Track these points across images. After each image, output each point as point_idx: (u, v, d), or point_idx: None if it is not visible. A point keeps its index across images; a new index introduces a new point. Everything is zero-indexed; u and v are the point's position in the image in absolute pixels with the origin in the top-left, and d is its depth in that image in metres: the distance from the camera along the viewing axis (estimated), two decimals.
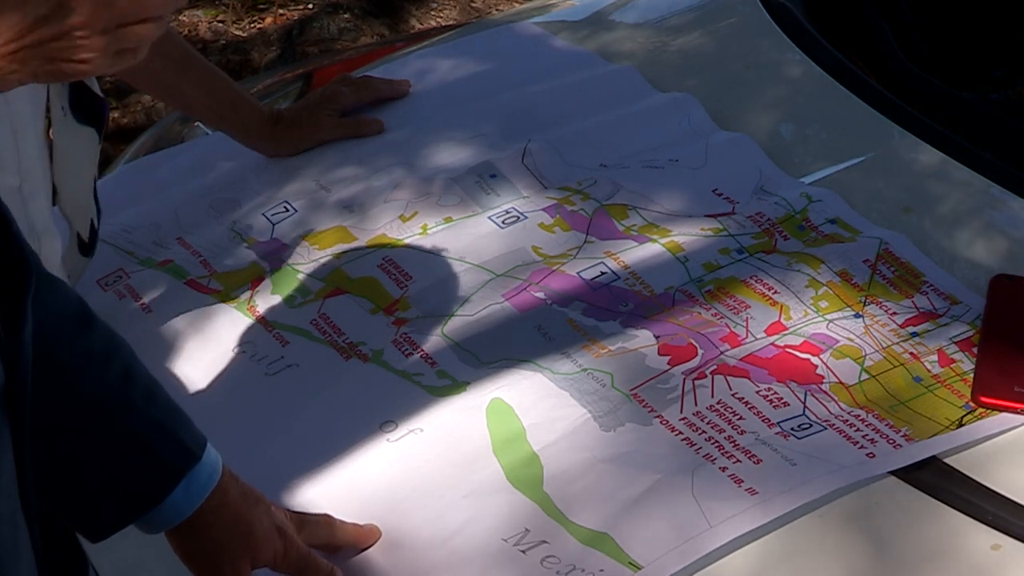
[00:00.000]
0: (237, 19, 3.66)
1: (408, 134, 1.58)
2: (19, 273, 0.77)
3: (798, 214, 1.38)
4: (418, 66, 1.72)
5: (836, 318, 1.25)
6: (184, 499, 0.96)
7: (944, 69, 1.71)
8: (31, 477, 0.80)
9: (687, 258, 1.33)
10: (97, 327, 0.96)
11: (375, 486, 1.14)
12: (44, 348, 0.83)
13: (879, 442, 1.11)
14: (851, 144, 1.50)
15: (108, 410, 0.94)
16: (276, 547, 1.02)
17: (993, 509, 1.05)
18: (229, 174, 1.55)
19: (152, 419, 0.96)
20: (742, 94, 1.60)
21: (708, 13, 1.81)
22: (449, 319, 1.29)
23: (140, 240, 1.45)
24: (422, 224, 1.42)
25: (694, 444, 1.12)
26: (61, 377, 0.91)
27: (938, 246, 1.34)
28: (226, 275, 1.39)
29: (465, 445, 1.15)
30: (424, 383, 1.22)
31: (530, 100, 1.61)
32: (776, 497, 1.07)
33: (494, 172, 1.48)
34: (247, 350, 1.30)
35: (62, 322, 0.93)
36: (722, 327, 1.25)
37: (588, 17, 1.82)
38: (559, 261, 1.34)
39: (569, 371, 1.21)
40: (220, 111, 1.53)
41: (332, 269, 1.37)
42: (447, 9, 3.77)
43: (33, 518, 0.81)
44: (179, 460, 0.96)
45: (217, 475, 0.98)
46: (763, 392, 1.17)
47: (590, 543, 1.05)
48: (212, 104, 1.53)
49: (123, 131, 3.17)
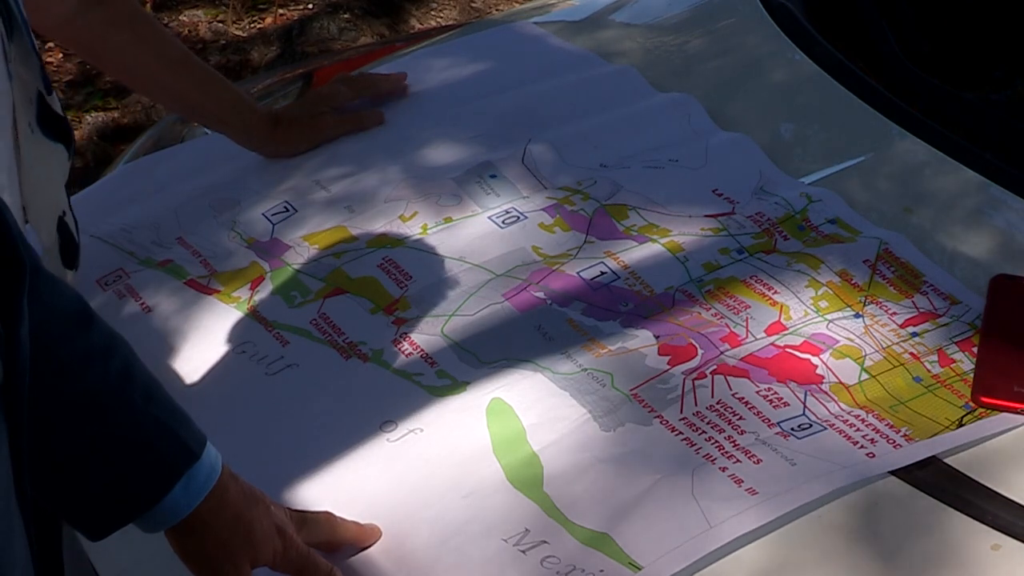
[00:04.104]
0: (237, 19, 3.66)
1: (408, 134, 1.58)
2: (14, 270, 0.77)
3: (798, 214, 1.38)
4: (418, 66, 1.71)
5: (836, 318, 1.25)
6: (183, 498, 0.96)
7: (944, 69, 1.71)
8: (28, 475, 0.80)
9: (687, 258, 1.33)
10: (97, 325, 0.96)
11: (375, 486, 1.14)
12: (43, 346, 0.83)
13: (879, 442, 1.11)
14: (851, 144, 1.50)
15: (107, 408, 0.94)
16: (276, 546, 1.02)
17: (993, 509, 1.05)
18: (229, 174, 1.55)
19: (152, 418, 0.96)
20: (742, 94, 1.60)
21: (708, 13, 1.81)
22: (449, 319, 1.29)
23: (140, 240, 1.45)
24: (422, 224, 1.42)
25: (694, 444, 1.12)
26: (60, 375, 0.91)
27: (938, 246, 1.34)
28: (226, 275, 1.39)
29: (465, 445, 1.15)
30: (424, 383, 1.22)
31: (530, 100, 1.61)
32: (776, 497, 1.06)
33: (494, 172, 1.48)
34: (247, 350, 1.30)
35: (62, 320, 0.93)
36: (722, 327, 1.25)
37: (588, 17, 1.82)
38: (559, 261, 1.34)
39: (569, 371, 1.21)
40: (220, 114, 1.53)
41: (332, 269, 1.37)
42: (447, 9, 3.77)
43: (29, 516, 0.81)
44: (178, 459, 0.96)
45: (216, 474, 0.98)
46: (763, 392, 1.17)
47: (590, 543, 1.05)
48: (211, 107, 1.53)
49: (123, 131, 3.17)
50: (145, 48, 1.47)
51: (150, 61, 1.48)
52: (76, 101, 3.32)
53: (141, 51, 1.47)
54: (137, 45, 1.46)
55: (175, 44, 1.51)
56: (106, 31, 1.44)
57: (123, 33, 1.45)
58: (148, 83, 1.55)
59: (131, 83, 1.71)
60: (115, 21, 1.43)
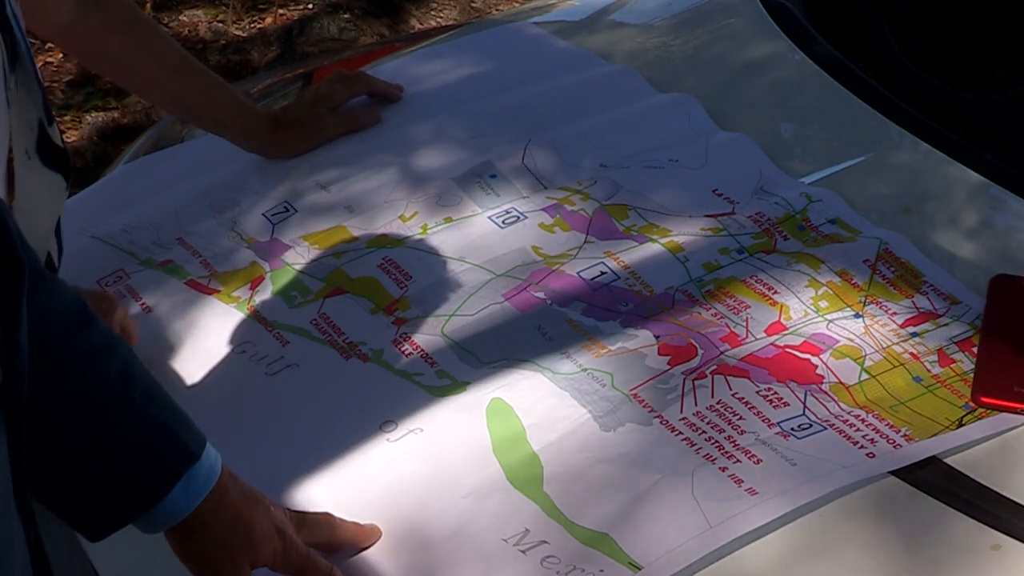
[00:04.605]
0: (237, 19, 3.66)
1: (408, 134, 1.58)
2: (14, 272, 0.77)
3: (798, 214, 1.38)
4: (418, 66, 1.72)
5: (836, 318, 1.25)
6: (183, 498, 0.96)
7: (944, 69, 1.71)
8: (27, 476, 0.80)
9: (687, 258, 1.33)
10: (96, 326, 0.96)
11: (375, 486, 1.14)
12: (43, 346, 0.83)
13: (879, 442, 1.11)
14: (851, 144, 1.50)
15: (107, 409, 0.94)
16: (275, 547, 1.02)
17: (993, 509, 1.05)
18: (229, 174, 1.55)
19: (151, 418, 0.96)
20: (742, 94, 1.60)
21: (708, 13, 1.81)
22: (449, 319, 1.29)
23: (140, 240, 1.45)
24: (422, 224, 1.42)
25: (694, 444, 1.12)
26: (60, 375, 0.91)
27: (938, 246, 1.34)
28: (226, 275, 1.39)
29: (465, 445, 1.15)
30: (424, 383, 1.22)
31: (530, 100, 1.61)
32: (776, 497, 1.06)
33: (494, 172, 1.48)
34: (247, 350, 1.30)
35: (61, 321, 0.93)
36: (722, 327, 1.25)
37: (588, 17, 1.82)
38: (559, 261, 1.34)
39: (569, 371, 1.21)
40: (218, 117, 1.53)
41: (332, 269, 1.37)
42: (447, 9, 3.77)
43: (28, 517, 0.81)
44: (178, 459, 0.96)
45: (216, 475, 0.98)
46: (763, 392, 1.17)
47: (590, 543, 1.05)
48: (210, 110, 1.53)
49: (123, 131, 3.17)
50: (143, 52, 1.47)
51: (148, 65, 1.48)
52: (76, 101, 3.31)
53: (139, 55, 1.46)
54: (135, 49, 1.46)
55: (174, 47, 1.51)
56: (104, 36, 1.44)
57: (121, 38, 1.44)
58: (147, 87, 1.55)
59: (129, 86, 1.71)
60: (113, 26, 1.43)
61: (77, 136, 3.16)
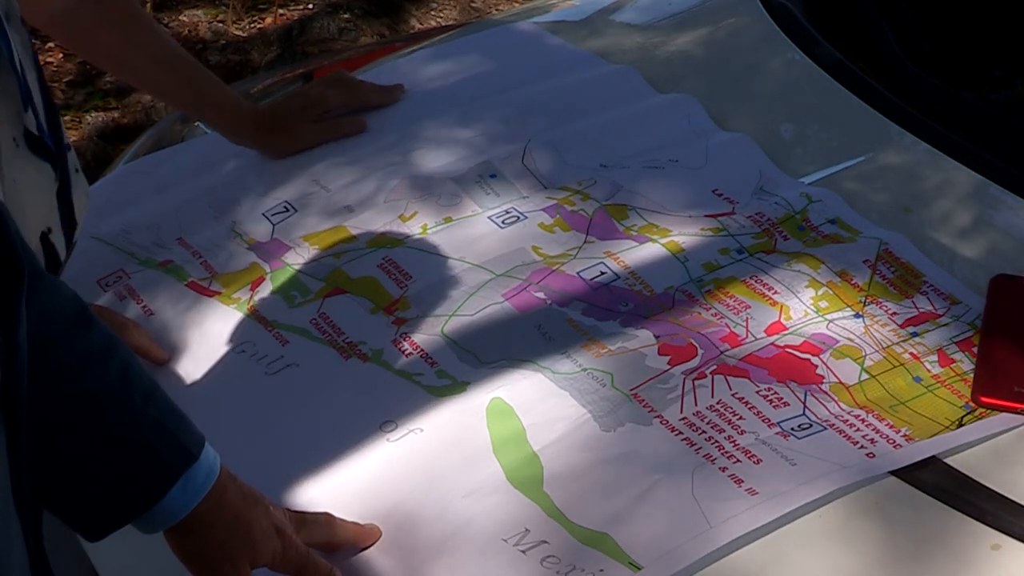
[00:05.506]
0: (237, 19, 3.66)
1: (408, 134, 1.58)
2: (13, 273, 0.77)
3: (798, 214, 1.38)
4: (418, 66, 1.71)
5: (836, 318, 1.25)
6: (181, 498, 0.96)
7: (944, 69, 1.71)
8: (26, 476, 0.80)
9: (687, 258, 1.33)
10: (95, 327, 0.96)
11: (375, 486, 1.13)
12: (42, 347, 0.83)
13: (879, 442, 1.11)
14: (851, 144, 1.50)
15: (106, 409, 0.94)
16: (275, 547, 1.02)
17: (993, 509, 1.05)
18: (229, 174, 1.55)
19: (150, 418, 0.96)
20: (742, 94, 1.60)
21: (708, 13, 1.81)
22: (449, 319, 1.29)
23: (140, 240, 1.45)
24: (422, 224, 1.42)
25: (694, 444, 1.12)
26: (59, 376, 0.91)
27: (938, 246, 1.34)
28: (227, 277, 1.39)
29: (465, 445, 1.15)
30: (424, 383, 1.22)
31: (530, 100, 1.61)
32: (776, 497, 1.06)
33: (494, 172, 1.48)
34: (247, 350, 1.30)
35: (60, 321, 0.93)
36: (722, 327, 1.25)
37: (588, 17, 1.82)
38: (559, 261, 1.34)
39: (569, 371, 1.21)
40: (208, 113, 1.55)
41: (332, 269, 1.37)
42: (447, 9, 3.77)
43: (27, 516, 0.81)
44: (177, 459, 0.96)
45: (215, 475, 0.98)
46: (763, 392, 1.17)
47: (590, 543, 1.05)
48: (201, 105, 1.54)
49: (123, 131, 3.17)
50: (136, 46, 1.47)
51: (141, 59, 1.49)
52: (76, 101, 3.32)
53: (132, 49, 1.47)
54: (129, 43, 1.47)
55: (167, 41, 1.52)
56: (99, 28, 1.44)
57: (115, 31, 1.45)
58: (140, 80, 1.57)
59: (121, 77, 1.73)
60: (108, 19, 1.44)
61: (77, 136, 3.16)
